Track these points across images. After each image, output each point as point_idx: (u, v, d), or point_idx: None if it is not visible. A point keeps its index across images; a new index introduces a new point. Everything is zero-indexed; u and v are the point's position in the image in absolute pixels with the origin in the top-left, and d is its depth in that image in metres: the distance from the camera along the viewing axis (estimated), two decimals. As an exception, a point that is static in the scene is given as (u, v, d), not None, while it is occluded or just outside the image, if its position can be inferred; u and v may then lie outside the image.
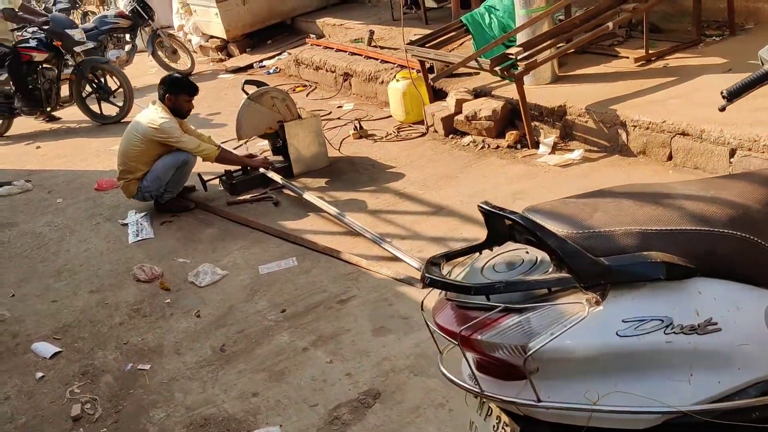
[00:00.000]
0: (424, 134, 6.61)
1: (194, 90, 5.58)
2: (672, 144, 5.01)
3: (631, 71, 6.10)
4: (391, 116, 7.30)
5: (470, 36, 6.81)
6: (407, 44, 6.66)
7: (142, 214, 5.74)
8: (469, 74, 6.96)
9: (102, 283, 4.79)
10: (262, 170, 5.81)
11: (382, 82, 7.81)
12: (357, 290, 4.13)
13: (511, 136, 5.90)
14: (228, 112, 8.44)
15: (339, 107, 8.01)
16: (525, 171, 5.39)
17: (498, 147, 5.93)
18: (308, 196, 5.34)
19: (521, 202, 4.83)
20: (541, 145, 5.70)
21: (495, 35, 6.67)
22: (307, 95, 8.77)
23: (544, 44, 5.71)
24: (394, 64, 7.91)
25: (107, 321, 4.29)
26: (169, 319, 4.19)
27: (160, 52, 10.81)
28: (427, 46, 6.62)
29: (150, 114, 5.41)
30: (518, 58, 5.52)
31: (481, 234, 1.84)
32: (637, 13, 5.89)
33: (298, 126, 5.98)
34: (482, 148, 6.00)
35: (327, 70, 8.85)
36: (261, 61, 10.86)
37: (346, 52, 8.83)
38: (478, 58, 5.73)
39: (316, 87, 9.04)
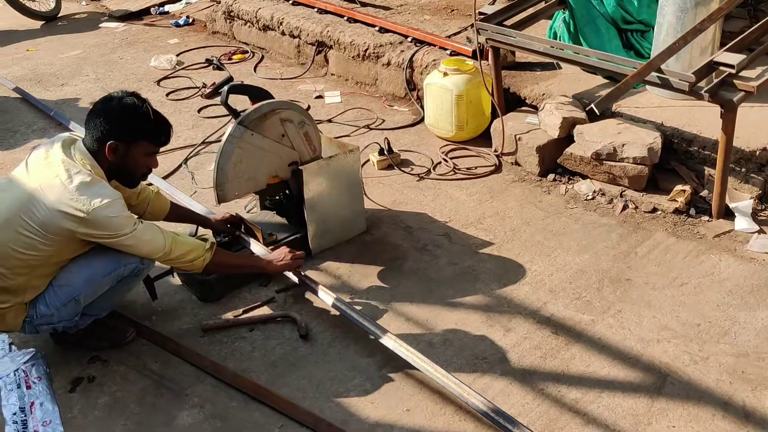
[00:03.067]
0: (496, 168, 4.04)
1: (165, 132, 2.63)
2: None
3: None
4: (418, 122, 4.63)
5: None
6: (479, 19, 3.96)
7: (28, 355, 2.77)
8: (539, 64, 4.45)
9: None
10: (291, 275, 3.01)
11: (388, 63, 5.06)
12: None
13: (680, 194, 3.49)
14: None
15: (318, 98, 5.18)
16: (749, 273, 3.04)
17: (655, 210, 3.51)
18: (399, 346, 2.63)
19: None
20: (738, 216, 3.35)
21: (608, 12, 4.15)
22: (254, 69, 5.81)
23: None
24: (406, 36, 5.17)
25: None
26: None
27: (7, -17, 7.21)
28: (507, 24, 3.99)
29: (61, 179, 2.42)
30: (739, 69, 3.07)
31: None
32: None
33: (323, 171, 3.20)
34: (624, 209, 3.55)
35: (285, 33, 5.90)
36: (161, 4, 7.59)
37: (313, 7, 5.91)
38: (663, 68, 3.20)
39: (263, 56, 6.07)
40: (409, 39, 5.10)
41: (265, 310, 3.01)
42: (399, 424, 2.42)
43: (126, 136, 2.47)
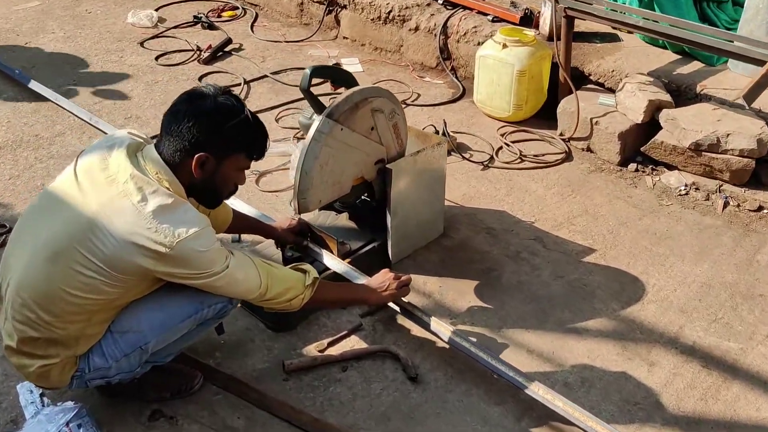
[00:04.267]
0: (566, 155, 3.57)
1: (264, 144, 1.99)
2: None
3: None
4: (458, 98, 4.10)
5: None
6: (559, -15, 3.42)
7: (70, 412, 2.12)
8: (597, 34, 3.98)
9: None
10: (396, 306, 2.44)
11: (416, 29, 4.47)
12: None
13: (789, 190, 3.12)
14: (107, 59, 4.56)
15: (335, 65, 4.54)
16: None
17: (761, 208, 3.14)
18: (554, 400, 2.14)
19: None
20: None
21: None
22: (251, 29, 5.08)
23: None
24: (435, -3, 4.57)
25: None
26: None
27: None
28: (585, -10, 3.47)
29: (132, 200, 1.77)
30: None
31: None
32: None
33: (410, 168, 2.65)
34: (725, 206, 3.17)
35: (286, -11, 5.18)
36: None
37: (317, -40, 5.18)
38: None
39: (257, 14, 5.33)
40: (439, 1, 4.49)
41: (353, 341, 2.47)
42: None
43: (220, 147, 1.85)
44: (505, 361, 2.21)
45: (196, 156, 1.82)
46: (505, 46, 3.65)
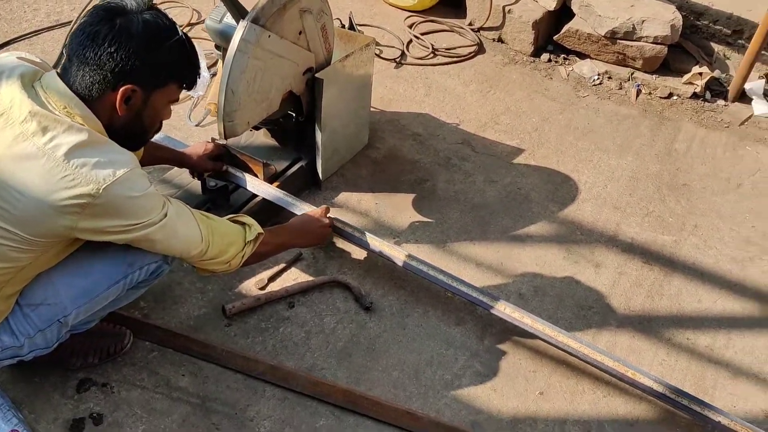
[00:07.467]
0: (478, 47, 3.38)
1: (198, 70, 1.59)
2: None
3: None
4: (359, -12, 3.73)
5: None
6: None
7: (-25, 398, 1.79)
8: None
9: None
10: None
11: None
12: None
13: (697, 77, 3.14)
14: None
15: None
16: (789, 167, 2.85)
17: (671, 95, 3.16)
18: (522, 318, 2.05)
19: None
20: (755, 100, 3.12)
21: None
22: None
23: None
24: None
25: None
26: None
27: None
28: None
29: (36, 143, 1.36)
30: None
31: None
32: None
33: (338, 76, 2.35)
34: (638, 94, 3.16)
35: None
36: None
37: None
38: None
39: None
40: None
41: (294, 273, 2.24)
42: (541, 415, 1.92)
43: (150, 77, 1.46)
44: (466, 281, 2.08)
45: (121, 89, 1.44)
46: (407, -74, 3.30)
